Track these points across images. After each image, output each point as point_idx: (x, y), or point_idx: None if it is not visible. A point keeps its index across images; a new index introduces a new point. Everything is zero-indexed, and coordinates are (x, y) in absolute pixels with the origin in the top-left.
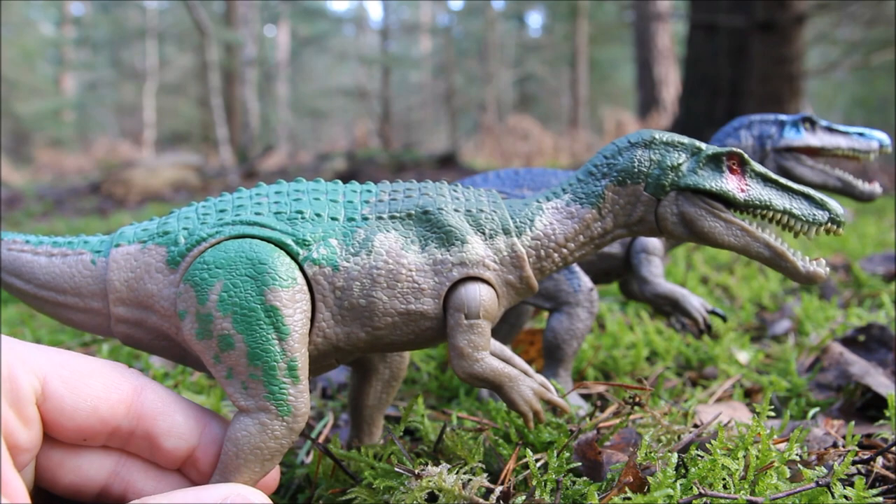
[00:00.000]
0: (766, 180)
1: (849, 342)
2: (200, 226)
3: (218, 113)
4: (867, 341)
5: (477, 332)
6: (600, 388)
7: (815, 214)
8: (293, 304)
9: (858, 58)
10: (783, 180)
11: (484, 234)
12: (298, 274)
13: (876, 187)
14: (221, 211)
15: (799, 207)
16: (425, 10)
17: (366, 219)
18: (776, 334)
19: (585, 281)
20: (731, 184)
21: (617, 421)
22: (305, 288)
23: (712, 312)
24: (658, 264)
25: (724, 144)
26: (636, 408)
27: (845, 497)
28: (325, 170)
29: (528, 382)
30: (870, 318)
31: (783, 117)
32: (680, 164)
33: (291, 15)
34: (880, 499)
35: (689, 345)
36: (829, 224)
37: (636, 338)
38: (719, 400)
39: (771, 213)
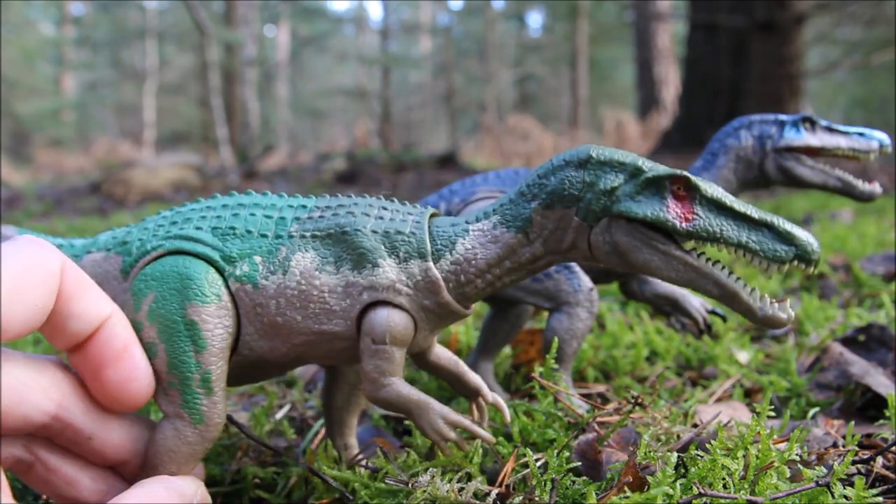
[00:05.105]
0: (719, 208)
1: (849, 342)
2: (151, 238)
3: (218, 113)
4: (867, 341)
5: (383, 358)
6: (601, 389)
7: (776, 250)
8: (213, 320)
9: (858, 58)
10: (742, 207)
11: (398, 257)
12: (224, 290)
13: (876, 187)
14: (173, 223)
15: (757, 241)
16: (425, 10)
17: (291, 237)
18: (776, 334)
19: (585, 281)
20: (671, 212)
21: (618, 418)
22: (230, 304)
23: (712, 312)
24: None
25: (724, 144)
26: (637, 408)
27: (845, 497)
28: (325, 170)
29: (440, 411)
30: (870, 318)
31: (783, 117)
32: (615, 188)
33: (291, 15)
34: (880, 499)
35: (689, 345)
36: (796, 262)
37: (636, 338)
38: (719, 400)
39: (723, 247)
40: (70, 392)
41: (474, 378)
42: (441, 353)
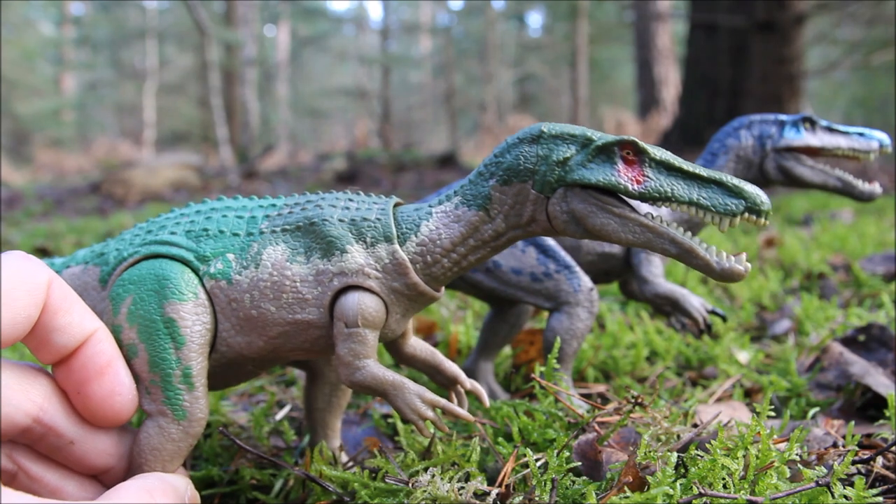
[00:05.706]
0: (669, 169)
1: (849, 342)
2: (128, 246)
3: (218, 113)
4: (867, 341)
5: (357, 341)
6: (601, 388)
7: (727, 204)
8: (191, 317)
9: (858, 58)
10: (691, 167)
11: (365, 242)
12: (200, 289)
13: (876, 187)
14: (148, 232)
15: (708, 197)
16: (425, 10)
17: (262, 233)
18: (776, 334)
19: (585, 281)
20: (622, 176)
21: (618, 418)
22: (206, 301)
23: (712, 312)
24: (658, 264)
25: (724, 144)
26: (637, 408)
27: (845, 497)
28: (325, 170)
29: (416, 390)
30: (870, 318)
31: (783, 117)
32: (567, 159)
33: (291, 15)
34: (880, 499)
35: (689, 345)
36: (747, 214)
37: (636, 338)
38: (719, 400)
39: (675, 206)
40: (52, 395)
41: (451, 367)
42: (417, 345)
